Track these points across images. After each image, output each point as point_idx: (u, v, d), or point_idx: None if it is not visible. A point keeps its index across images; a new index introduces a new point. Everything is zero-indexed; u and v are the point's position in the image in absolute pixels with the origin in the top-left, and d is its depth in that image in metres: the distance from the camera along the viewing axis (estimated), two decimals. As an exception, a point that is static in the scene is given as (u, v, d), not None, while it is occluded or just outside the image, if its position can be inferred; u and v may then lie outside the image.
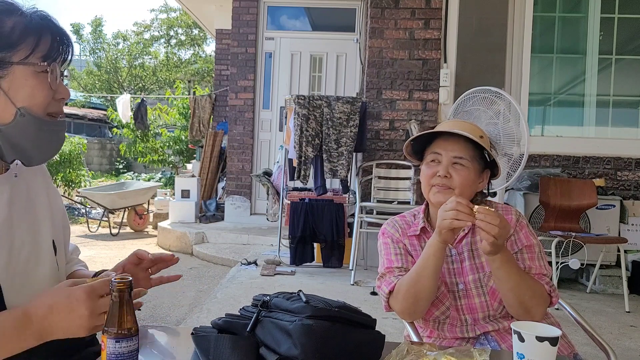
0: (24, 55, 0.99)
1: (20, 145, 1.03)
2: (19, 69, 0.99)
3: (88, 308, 0.93)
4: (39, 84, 1.02)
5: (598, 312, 3.63)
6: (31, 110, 1.01)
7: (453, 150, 1.42)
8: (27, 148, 1.04)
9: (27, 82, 1.00)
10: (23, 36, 0.99)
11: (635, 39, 4.90)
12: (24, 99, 1.00)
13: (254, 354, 0.97)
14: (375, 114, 4.81)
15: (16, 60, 0.99)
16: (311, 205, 4.59)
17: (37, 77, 1.01)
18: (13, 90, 0.99)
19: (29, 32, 1.00)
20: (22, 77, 1.00)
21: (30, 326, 0.94)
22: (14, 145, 1.02)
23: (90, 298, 0.94)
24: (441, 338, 1.46)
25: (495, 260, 1.30)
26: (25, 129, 1.01)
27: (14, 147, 1.03)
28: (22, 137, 1.02)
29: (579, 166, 4.58)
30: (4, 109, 0.99)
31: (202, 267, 5.23)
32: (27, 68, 1.00)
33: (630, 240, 4.16)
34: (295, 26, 6.86)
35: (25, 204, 1.11)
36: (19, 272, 1.05)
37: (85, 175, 10.44)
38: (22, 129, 1.01)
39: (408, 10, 4.77)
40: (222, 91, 8.16)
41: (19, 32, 0.99)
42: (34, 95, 1.01)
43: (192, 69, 19.63)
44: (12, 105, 0.99)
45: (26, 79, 1.00)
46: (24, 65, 1.00)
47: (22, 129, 1.01)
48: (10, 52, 0.98)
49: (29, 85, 1.00)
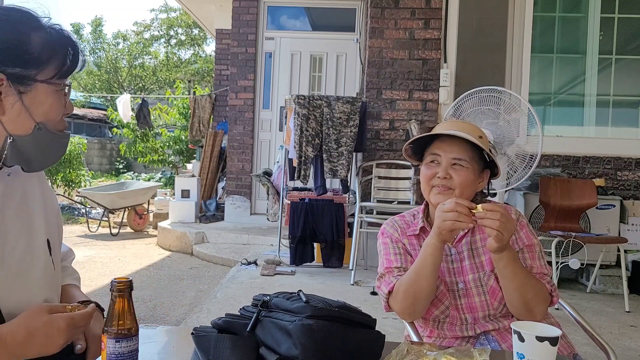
0: (49, 76, 1.03)
1: (28, 154, 1.06)
2: (42, 86, 1.03)
3: (65, 338, 0.98)
4: (57, 101, 1.06)
5: (598, 312, 3.63)
6: (47, 125, 1.05)
7: (452, 151, 1.42)
8: (33, 157, 1.08)
9: (47, 99, 1.04)
10: (52, 56, 1.03)
11: (635, 39, 4.90)
12: (42, 114, 1.04)
13: (254, 354, 0.98)
14: (375, 114, 4.81)
15: (41, 79, 1.02)
16: (311, 205, 4.59)
17: (56, 95, 1.06)
18: (34, 106, 1.03)
19: (55, 51, 1.03)
20: (44, 94, 1.03)
21: (4, 349, 0.95)
22: (20, 154, 1.06)
23: (69, 329, 0.98)
24: (441, 337, 1.46)
25: (502, 259, 1.30)
26: (39, 141, 1.05)
27: (20, 155, 1.06)
28: (33, 148, 1.06)
29: (579, 166, 4.58)
30: (23, 123, 1.03)
31: (202, 267, 5.23)
32: (49, 87, 1.04)
33: (630, 240, 4.16)
34: (295, 26, 6.86)
35: (19, 203, 1.11)
36: (13, 271, 1.05)
37: (85, 175, 10.45)
38: (36, 141, 1.05)
39: (408, 10, 4.77)
40: (222, 91, 8.16)
41: (48, 53, 1.02)
42: (51, 112, 1.05)
43: (192, 68, 19.63)
44: (31, 120, 1.03)
45: (47, 97, 1.04)
46: (47, 84, 1.03)
47: (36, 141, 1.05)
48: (37, 70, 1.01)
49: (48, 102, 1.04)
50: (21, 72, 1.00)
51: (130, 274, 4.94)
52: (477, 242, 1.45)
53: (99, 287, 4.30)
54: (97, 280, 4.55)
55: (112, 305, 0.89)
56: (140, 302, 3.88)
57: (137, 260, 5.60)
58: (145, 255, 5.91)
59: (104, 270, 5.03)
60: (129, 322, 0.89)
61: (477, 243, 1.45)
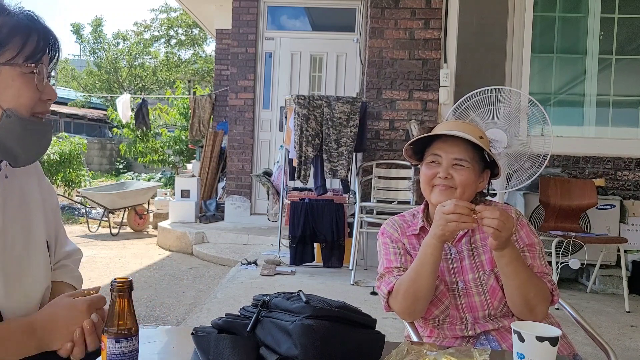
0: (11, 56, 0.99)
1: (6, 145, 1.02)
2: (5, 69, 0.99)
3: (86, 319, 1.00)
4: (25, 84, 1.01)
5: (598, 312, 3.63)
6: (17, 111, 1.00)
7: (453, 152, 1.42)
8: (13, 148, 1.03)
9: (13, 83, 1.00)
10: (9, 37, 0.99)
11: (635, 39, 4.90)
12: (10, 99, 1.00)
13: (254, 354, 0.97)
14: (375, 114, 4.81)
15: (2, 61, 0.99)
16: (311, 205, 4.59)
17: (24, 78, 1.01)
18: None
19: (15, 33, 0.99)
20: (9, 77, 0.99)
21: (34, 335, 0.98)
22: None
23: (89, 310, 1.01)
24: (441, 337, 1.46)
25: (504, 257, 1.30)
26: (11, 129, 1.01)
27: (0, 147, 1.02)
28: (7, 137, 1.01)
29: (579, 166, 4.58)
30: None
31: (202, 267, 5.23)
32: (14, 69, 1.00)
33: (630, 240, 4.16)
34: (295, 26, 6.86)
35: (18, 205, 1.10)
36: (11, 272, 1.05)
37: (85, 175, 10.44)
38: (8, 129, 1.00)
39: (408, 10, 4.77)
40: (222, 91, 8.16)
41: (5, 33, 0.98)
42: (20, 96, 1.01)
43: (192, 69, 19.62)
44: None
45: (13, 80, 1.00)
46: (10, 66, 0.99)
47: (7, 129, 1.00)
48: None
49: (15, 86, 1.00)
50: None
51: (130, 274, 4.94)
52: (477, 242, 1.46)
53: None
54: (97, 280, 4.55)
55: (112, 305, 0.89)
56: (140, 302, 3.88)
57: (137, 260, 5.60)
58: (145, 255, 5.91)
59: (104, 270, 5.03)
60: (129, 322, 0.89)
61: (477, 242, 1.46)
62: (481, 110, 3.27)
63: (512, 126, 3.31)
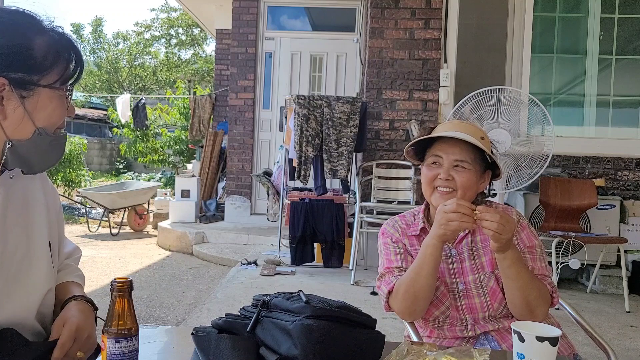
0: (53, 80, 1.02)
1: (28, 158, 1.05)
2: (45, 91, 1.01)
3: None
4: (59, 106, 1.05)
5: (598, 312, 3.63)
6: (47, 129, 1.04)
7: (454, 153, 1.42)
8: (33, 160, 1.07)
9: (50, 104, 1.03)
10: (55, 62, 1.01)
11: (635, 39, 4.90)
12: (44, 119, 1.03)
13: (254, 354, 0.98)
14: (375, 114, 4.81)
15: (44, 84, 1.01)
16: (311, 205, 4.59)
17: (59, 100, 1.04)
18: (36, 111, 1.01)
19: (60, 58, 1.02)
20: (47, 99, 1.02)
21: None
22: (21, 158, 1.05)
23: None
24: (441, 338, 1.46)
25: (506, 259, 1.30)
26: (38, 145, 1.04)
27: (21, 159, 1.05)
28: (32, 152, 1.05)
29: (579, 166, 4.58)
30: (24, 127, 1.01)
31: (202, 267, 5.23)
32: (53, 92, 1.02)
33: (630, 240, 4.16)
34: (296, 26, 6.86)
35: (21, 206, 1.11)
36: (12, 274, 1.05)
37: (85, 175, 10.44)
38: (36, 145, 1.04)
39: (408, 10, 4.77)
40: (222, 91, 8.16)
41: (51, 58, 1.01)
42: (53, 116, 1.04)
43: (192, 68, 19.63)
44: (32, 125, 1.02)
45: (50, 101, 1.03)
46: (51, 88, 1.02)
47: (35, 145, 1.04)
48: (40, 75, 1.00)
49: (51, 107, 1.03)
50: (24, 77, 0.98)
51: (130, 274, 4.94)
52: (478, 243, 1.45)
53: (99, 287, 4.30)
54: (97, 280, 4.55)
55: (112, 305, 0.89)
56: (140, 302, 3.88)
57: (137, 260, 5.60)
58: (145, 255, 5.91)
59: (104, 270, 5.03)
60: (129, 322, 0.89)
61: (478, 244, 1.45)
62: (482, 110, 3.27)
63: (513, 126, 3.31)
